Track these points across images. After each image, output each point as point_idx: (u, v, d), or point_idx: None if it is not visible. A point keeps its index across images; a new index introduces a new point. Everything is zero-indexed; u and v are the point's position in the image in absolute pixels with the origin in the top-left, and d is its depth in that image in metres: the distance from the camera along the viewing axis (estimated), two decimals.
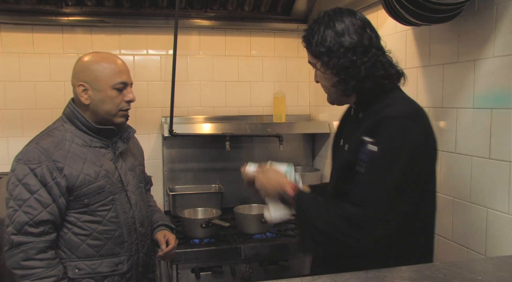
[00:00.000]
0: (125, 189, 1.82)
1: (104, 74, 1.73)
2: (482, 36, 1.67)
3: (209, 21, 3.05)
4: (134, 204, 1.84)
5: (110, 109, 1.76)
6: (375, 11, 2.38)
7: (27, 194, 1.63)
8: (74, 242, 1.71)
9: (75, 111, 1.77)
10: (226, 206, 2.95)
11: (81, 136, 1.76)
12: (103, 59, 1.76)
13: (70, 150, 1.71)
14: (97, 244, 1.73)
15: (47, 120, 2.95)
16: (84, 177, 1.70)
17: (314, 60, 1.50)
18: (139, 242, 1.84)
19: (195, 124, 2.99)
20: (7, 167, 2.88)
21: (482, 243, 1.69)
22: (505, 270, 1.09)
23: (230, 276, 2.33)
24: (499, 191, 1.61)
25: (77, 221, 1.72)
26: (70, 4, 2.80)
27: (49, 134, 1.74)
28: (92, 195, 1.71)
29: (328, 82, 1.51)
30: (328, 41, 1.43)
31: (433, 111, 1.95)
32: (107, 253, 1.75)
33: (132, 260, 1.82)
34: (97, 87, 1.74)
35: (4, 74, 2.84)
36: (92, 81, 1.73)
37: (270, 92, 3.20)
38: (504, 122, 1.58)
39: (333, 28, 1.44)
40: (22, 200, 1.63)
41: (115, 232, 1.76)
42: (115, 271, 1.77)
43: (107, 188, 1.75)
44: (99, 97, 1.74)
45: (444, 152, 1.89)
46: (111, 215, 1.76)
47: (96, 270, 1.73)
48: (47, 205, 1.64)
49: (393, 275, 1.10)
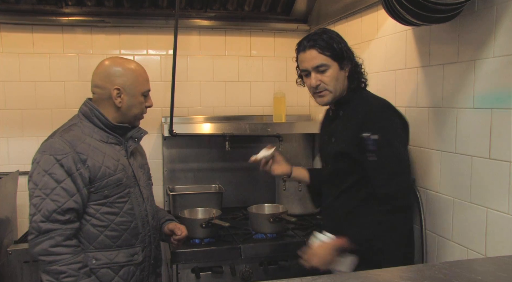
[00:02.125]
0: (138, 183, 1.91)
1: (138, 81, 1.88)
2: (482, 36, 1.67)
3: (209, 21, 3.05)
4: (146, 198, 1.94)
5: (137, 113, 1.91)
6: (375, 11, 2.38)
7: (54, 183, 1.70)
8: (92, 233, 1.78)
9: (94, 109, 1.85)
10: (226, 206, 2.95)
11: (99, 133, 1.85)
12: (137, 67, 1.91)
13: (91, 143, 1.80)
14: (114, 235, 1.81)
15: (47, 120, 2.98)
16: (105, 169, 1.78)
17: (331, 63, 1.82)
18: (151, 234, 1.94)
19: (195, 124, 3.00)
20: (7, 167, 2.90)
21: (482, 243, 1.69)
22: (505, 270, 1.09)
23: (230, 276, 2.33)
24: (499, 191, 1.61)
25: (96, 213, 1.78)
26: (70, 4, 2.80)
27: (70, 129, 1.82)
28: (111, 187, 1.80)
29: (338, 83, 1.85)
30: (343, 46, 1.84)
31: (433, 111, 1.95)
32: (124, 243, 1.83)
33: (146, 251, 1.91)
34: (132, 93, 1.86)
35: (4, 74, 2.84)
36: (128, 86, 1.85)
37: (270, 92, 3.20)
38: (504, 122, 1.58)
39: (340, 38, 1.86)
40: (49, 189, 1.69)
41: (131, 223, 1.85)
42: (131, 261, 1.85)
43: (124, 181, 1.84)
44: (131, 102, 1.87)
45: (444, 152, 1.89)
46: (128, 207, 1.84)
47: (113, 260, 1.81)
48: (72, 194, 1.72)
49: (393, 275, 1.10)
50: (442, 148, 1.89)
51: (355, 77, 1.88)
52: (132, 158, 1.94)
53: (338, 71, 1.84)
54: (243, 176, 3.18)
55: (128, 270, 1.84)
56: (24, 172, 2.84)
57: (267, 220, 2.47)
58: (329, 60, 1.82)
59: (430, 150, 1.97)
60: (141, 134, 1.98)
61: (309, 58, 1.83)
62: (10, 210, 2.62)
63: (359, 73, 1.90)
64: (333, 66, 1.82)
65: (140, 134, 1.97)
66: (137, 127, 1.97)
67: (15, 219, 2.71)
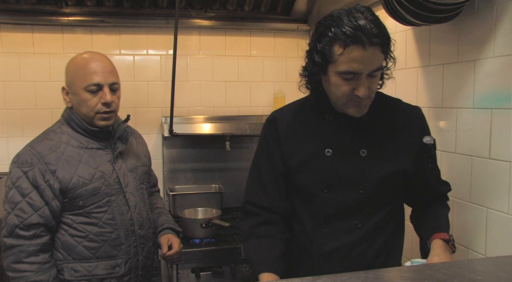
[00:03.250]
0: (123, 190, 1.78)
1: (77, 76, 1.70)
2: (482, 36, 1.67)
3: (209, 21, 3.05)
4: (132, 206, 1.80)
5: (87, 113, 1.72)
6: (375, 11, 2.37)
7: (19, 197, 1.64)
8: (70, 243, 1.71)
9: (71, 113, 1.77)
10: (226, 206, 2.95)
11: (78, 138, 1.76)
12: (77, 61, 1.73)
13: (65, 152, 1.71)
14: (93, 246, 1.72)
15: (47, 120, 2.97)
16: (77, 178, 1.69)
17: (383, 64, 1.39)
18: (138, 245, 1.80)
19: (195, 124, 2.99)
20: (7, 167, 2.89)
21: (482, 243, 1.69)
22: (505, 270, 1.08)
23: (230, 276, 2.33)
24: (499, 191, 1.61)
25: (73, 223, 1.71)
26: (70, 4, 2.80)
27: (45, 137, 1.75)
28: (86, 197, 1.70)
29: (375, 88, 1.42)
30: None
31: (433, 111, 1.95)
32: (104, 255, 1.73)
33: (131, 263, 1.78)
34: (73, 90, 1.73)
35: (4, 74, 2.84)
36: (69, 84, 1.74)
37: (270, 92, 3.20)
38: (504, 122, 1.58)
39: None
40: (14, 203, 1.64)
41: (111, 234, 1.74)
42: (111, 274, 1.74)
43: (102, 190, 1.72)
44: (76, 100, 1.73)
45: (444, 152, 1.89)
46: (107, 216, 1.73)
47: (92, 273, 1.72)
48: (38, 208, 1.64)
49: (393, 275, 1.10)
50: (442, 148, 1.89)
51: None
52: (120, 161, 1.81)
53: (384, 73, 1.45)
54: (243, 176, 3.15)
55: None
56: None
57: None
58: (382, 60, 1.38)
59: None
60: (127, 134, 1.82)
61: (370, 59, 1.32)
62: None
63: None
64: (383, 68, 1.41)
65: (127, 134, 1.82)
66: (123, 127, 1.82)
67: None
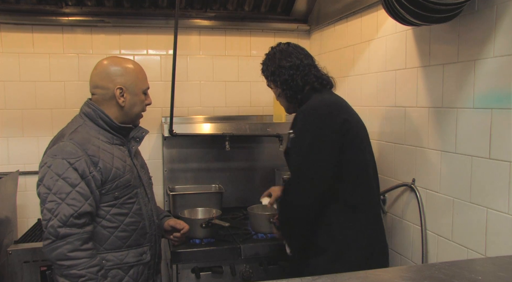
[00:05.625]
0: (143, 183, 1.94)
1: (139, 79, 1.90)
2: (482, 36, 1.67)
3: (209, 21, 3.05)
4: (150, 198, 1.97)
5: (138, 112, 1.93)
6: (375, 11, 2.38)
7: (69, 188, 1.69)
8: (102, 234, 1.78)
9: (98, 110, 1.84)
10: (226, 206, 2.95)
11: (104, 134, 1.84)
12: (135, 65, 1.92)
13: (100, 145, 1.79)
14: (124, 235, 1.82)
15: (47, 120, 2.98)
16: (115, 170, 1.79)
17: (268, 83, 2.15)
18: (156, 233, 1.97)
19: (195, 124, 2.99)
20: (7, 167, 2.90)
21: (482, 243, 1.69)
22: (505, 270, 1.09)
23: (230, 276, 2.33)
24: (499, 191, 1.61)
25: (106, 214, 1.79)
26: (70, 4, 2.80)
27: (78, 131, 1.80)
28: (121, 188, 1.81)
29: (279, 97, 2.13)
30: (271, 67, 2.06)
31: (433, 111, 1.95)
32: (133, 243, 1.85)
33: (152, 250, 1.94)
34: (134, 91, 1.88)
35: (4, 74, 2.84)
36: (130, 85, 1.86)
37: (270, 92, 3.17)
38: (504, 122, 1.58)
39: (273, 59, 2.08)
40: (65, 193, 1.69)
41: (139, 224, 1.87)
42: (140, 261, 1.87)
43: (132, 182, 1.86)
44: (134, 101, 1.88)
45: (444, 152, 1.89)
46: (136, 207, 1.86)
47: (123, 261, 1.82)
48: (87, 197, 1.72)
49: (393, 275, 1.10)
50: (442, 148, 1.89)
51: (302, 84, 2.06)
52: (135, 158, 1.95)
53: (275, 86, 2.19)
54: (243, 176, 3.18)
55: (138, 270, 1.86)
56: (24, 172, 2.84)
57: (267, 220, 2.46)
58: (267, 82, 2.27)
59: (430, 150, 1.97)
60: (142, 133, 1.98)
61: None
62: (10, 210, 2.62)
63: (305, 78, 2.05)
64: (271, 84, 2.24)
65: (142, 134, 1.98)
66: (138, 127, 1.98)
67: (15, 219, 2.71)
